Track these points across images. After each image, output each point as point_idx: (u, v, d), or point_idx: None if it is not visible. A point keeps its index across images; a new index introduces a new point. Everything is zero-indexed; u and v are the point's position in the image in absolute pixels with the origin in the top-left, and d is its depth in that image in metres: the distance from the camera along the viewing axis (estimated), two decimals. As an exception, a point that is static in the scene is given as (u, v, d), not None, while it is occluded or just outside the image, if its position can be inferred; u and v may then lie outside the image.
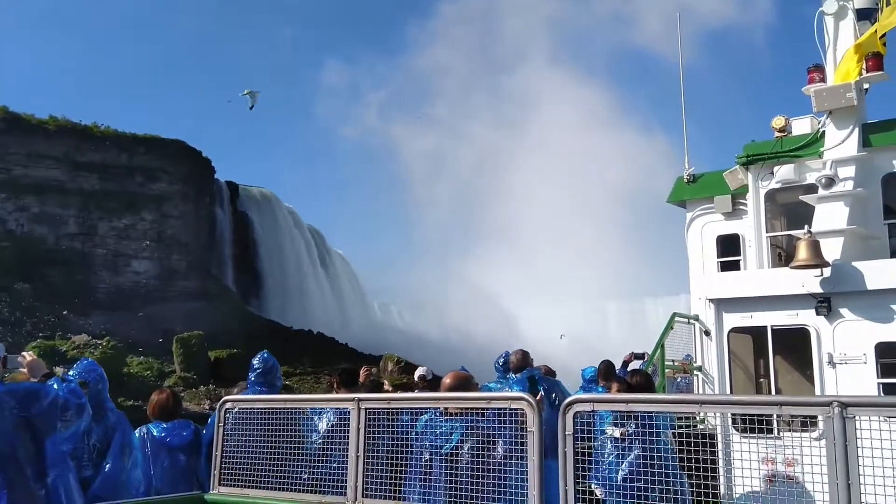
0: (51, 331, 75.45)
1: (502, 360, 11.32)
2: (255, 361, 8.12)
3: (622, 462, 6.73)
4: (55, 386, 5.81)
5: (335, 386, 8.75)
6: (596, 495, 5.06)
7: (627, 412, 5.39)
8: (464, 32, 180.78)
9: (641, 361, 12.23)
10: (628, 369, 12.06)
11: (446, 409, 5.60)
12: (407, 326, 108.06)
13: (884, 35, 11.14)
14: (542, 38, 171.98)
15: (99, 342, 73.69)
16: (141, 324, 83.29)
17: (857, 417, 3.96)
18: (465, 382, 6.28)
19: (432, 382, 11.16)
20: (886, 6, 11.03)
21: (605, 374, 11.57)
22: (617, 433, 7.34)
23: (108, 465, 6.79)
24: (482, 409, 5.71)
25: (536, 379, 9.07)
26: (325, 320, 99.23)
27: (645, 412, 5.03)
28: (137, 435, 7.29)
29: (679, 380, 12.37)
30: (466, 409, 5.50)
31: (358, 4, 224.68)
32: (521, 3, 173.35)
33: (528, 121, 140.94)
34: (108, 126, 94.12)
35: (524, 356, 9.58)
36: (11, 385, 5.71)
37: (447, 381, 6.29)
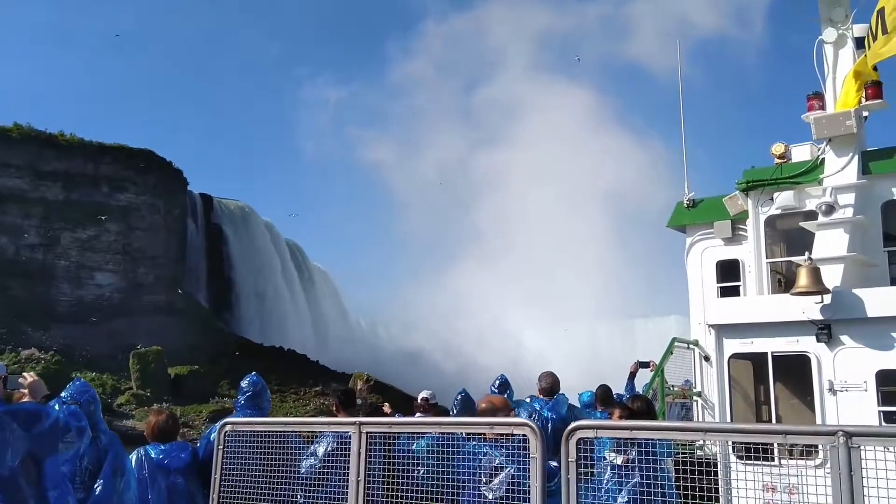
0: (5, 344, 73.82)
1: (498, 382, 11.22)
2: (244, 384, 7.88)
3: (621, 489, 6.64)
4: (56, 407, 5.74)
5: (335, 409, 8.50)
6: None
7: (630, 439, 5.30)
8: (448, 47, 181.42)
9: (649, 369, 12.12)
10: (634, 381, 12.04)
11: (483, 434, 5.46)
12: (392, 344, 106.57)
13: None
14: (532, 49, 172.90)
15: (42, 357, 72.13)
16: (102, 338, 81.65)
17: (861, 447, 3.95)
18: (496, 408, 6.12)
19: (429, 406, 10.99)
20: (875, 38, 11.07)
21: (603, 399, 11.50)
22: (618, 460, 7.21)
23: (98, 488, 6.54)
24: (484, 433, 5.60)
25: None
26: (300, 337, 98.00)
27: (647, 439, 5.03)
28: (135, 457, 7.06)
29: (677, 402, 12.30)
30: (501, 434, 5.37)
31: (342, 19, 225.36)
32: (509, 14, 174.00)
33: (516, 135, 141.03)
34: (74, 134, 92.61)
35: (556, 380, 9.72)
36: (12, 406, 5.56)
37: (481, 405, 6.26)
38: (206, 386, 77.55)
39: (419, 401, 10.59)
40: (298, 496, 6.17)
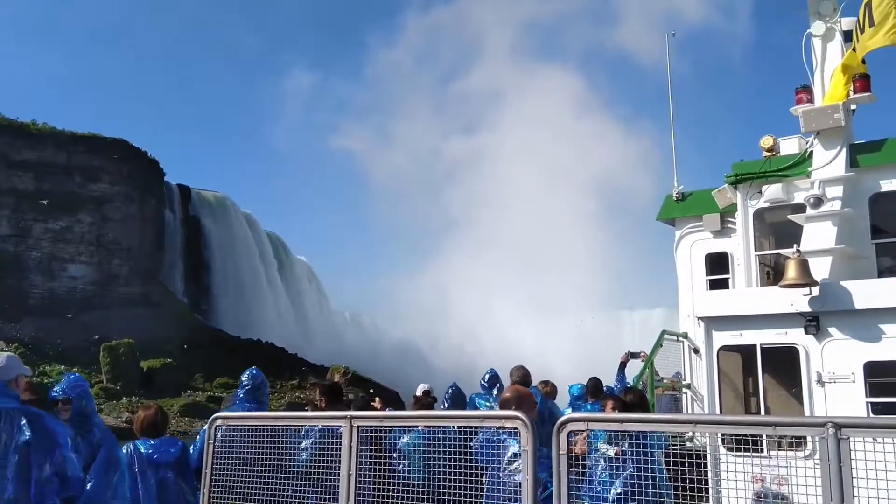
0: (-28, 337, 73.01)
1: (488, 376, 11.18)
2: (244, 378, 7.94)
3: (615, 480, 6.65)
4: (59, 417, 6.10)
5: (321, 404, 8.45)
6: None
7: (622, 431, 5.30)
8: (430, 36, 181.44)
9: (640, 360, 12.16)
10: (625, 371, 12.06)
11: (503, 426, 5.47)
12: (379, 337, 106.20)
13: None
14: (516, 37, 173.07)
15: (6, 350, 71.31)
16: (75, 331, 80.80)
17: (851, 438, 3.99)
18: (521, 398, 6.10)
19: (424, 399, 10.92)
20: (863, 31, 11.11)
21: (594, 391, 11.53)
22: (611, 452, 7.21)
23: (91, 482, 6.49)
24: (476, 426, 5.69)
25: None
26: (280, 329, 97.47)
27: (639, 431, 5.03)
28: (124, 452, 6.97)
29: (666, 394, 12.35)
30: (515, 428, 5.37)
31: (328, 11, 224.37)
32: (496, 5, 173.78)
33: (499, 124, 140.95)
34: (46, 123, 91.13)
35: (527, 373, 9.58)
36: (25, 406, 5.77)
37: (506, 394, 6.28)
38: (180, 379, 76.94)
39: (420, 395, 10.46)
40: (289, 490, 6.15)
